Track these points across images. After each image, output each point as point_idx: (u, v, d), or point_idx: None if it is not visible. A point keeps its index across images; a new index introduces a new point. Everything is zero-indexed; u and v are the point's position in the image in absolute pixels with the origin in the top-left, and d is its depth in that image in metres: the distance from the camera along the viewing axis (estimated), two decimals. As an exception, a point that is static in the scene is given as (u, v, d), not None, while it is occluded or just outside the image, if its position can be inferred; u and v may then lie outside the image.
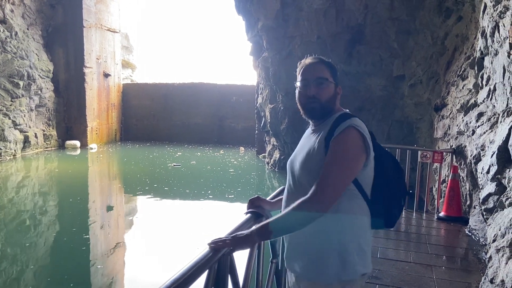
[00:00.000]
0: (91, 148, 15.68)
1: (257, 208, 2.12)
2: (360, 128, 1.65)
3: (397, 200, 1.79)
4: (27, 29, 14.00)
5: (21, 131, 13.66)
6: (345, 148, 1.62)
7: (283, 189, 2.14)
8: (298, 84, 1.84)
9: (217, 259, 1.56)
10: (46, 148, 14.96)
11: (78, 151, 15.16)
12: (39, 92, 14.33)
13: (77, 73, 15.51)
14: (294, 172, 1.80)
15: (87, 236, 6.77)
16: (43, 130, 14.91)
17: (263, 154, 13.64)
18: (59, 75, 15.37)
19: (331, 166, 1.60)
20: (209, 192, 9.53)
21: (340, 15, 9.56)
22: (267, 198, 2.27)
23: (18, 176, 11.46)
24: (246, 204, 2.17)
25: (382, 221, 1.75)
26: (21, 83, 13.32)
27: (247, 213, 2.09)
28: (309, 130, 1.88)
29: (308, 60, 1.85)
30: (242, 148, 16.12)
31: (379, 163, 1.73)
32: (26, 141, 13.86)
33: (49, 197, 9.62)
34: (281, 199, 2.08)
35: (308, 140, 1.82)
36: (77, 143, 15.57)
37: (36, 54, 14.23)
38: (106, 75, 17.00)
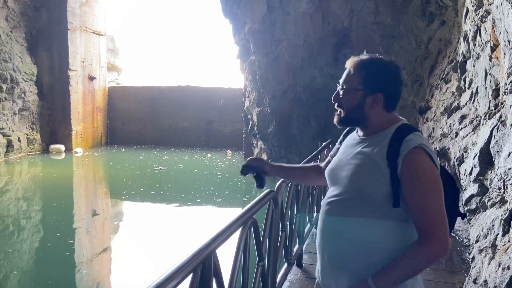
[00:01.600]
0: (76, 152, 15.48)
1: (258, 168, 2.01)
2: (428, 148, 1.49)
3: (450, 221, 1.60)
4: (11, 31, 13.79)
5: (4, 135, 13.42)
6: (427, 175, 1.45)
7: (300, 167, 2.15)
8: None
9: (201, 262, 1.55)
10: (30, 152, 14.72)
11: (63, 155, 14.94)
12: (23, 95, 14.11)
13: (62, 76, 15.31)
14: (338, 183, 1.62)
15: (72, 241, 6.67)
16: (27, 134, 14.67)
17: (251, 157, 13.63)
18: (43, 78, 15.15)
19: (428, 201, 1.43)
20: (197, 195, 9.48)
21: (326, 19, 9.65)
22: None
23: (1, 181, 11.24)
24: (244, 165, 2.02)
25: None
26: (4, 86, 13.10)
27: (248, 173, 2.00)
28: (355, 137, 1.68)
29: (352, 59, 1.63)
30: (229, 152, 16.10)
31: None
32: (9, 145, 13.61)
33: (33, 202, 9.45)
34: (291, 170, 2.09)
35: (355, 150, 1.62)
36: (62, 147, 15.35)
37: (20, 57, 14.02)
38: (91, 78, 16.82)
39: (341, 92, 1.60)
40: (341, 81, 1.61)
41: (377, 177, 1.48)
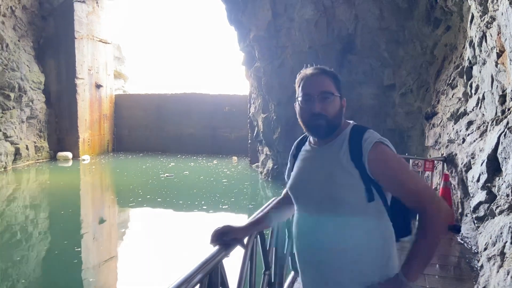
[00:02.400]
0: (84, 160, 15.57)
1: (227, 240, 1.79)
2: (385, 141, 1.55)
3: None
4: (18, 40, 13.96)
5: (12, 143, 13.54)
6: (397, 161, 1.52)
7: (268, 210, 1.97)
8: (299, 99, 1.66)
9: (207, 273, 1.55)
10: (38, 160, 14.83)
11: (70, 163, 15.04)
12: (30, 103, 14.25)
13: (69, 84, 15.46)
14: (307, 200, 1.61)
15: (79, 249, 6.69)
16: (35, 142, 14.79)
17: (256, 163, 13.63)
18: (51, 87, 15.30)
19: (412, 181, 1.50)
20: (203, 202, 9.48)
21: (331, 25, 9.67)
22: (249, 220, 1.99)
23: (9, 189, 11.33)
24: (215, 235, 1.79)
25: (402, 231, 1.67)
26: (12, 95, 13.23)
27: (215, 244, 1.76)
28: (310, 148, 1.70)
29: (309, 71, 1.67)
30: (235, 158, 16.10)
31: None
32: (17, 153, 13.73)
33: (40, 210, 9.50)
34: (264, 218, 1.91)
35: (315, 160, 1.64)
36: (69, 154, 15.46)
37: (28, 65, 14.17)
38: (98, 86, 16.96)
39: (319, 100, 1.59)
40: (314, 90, 1.60)
41: (348, 180, 1.52)
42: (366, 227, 1.53)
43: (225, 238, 1.76)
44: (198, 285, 1.50)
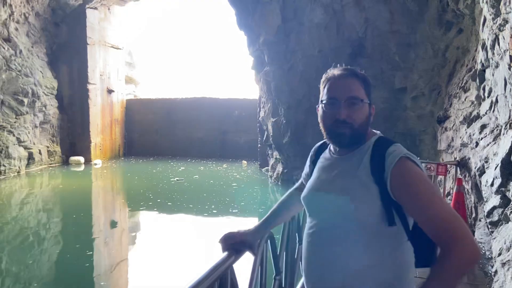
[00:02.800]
0: (95, 164, 15.72)
1: (235, 245, 1.72)
2: (413, 156, 1.40)
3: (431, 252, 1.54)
4: (32, 47, 14.19)
5: (25, 147, 13.73)
6: (423, 181, 1.35)
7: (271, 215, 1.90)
8: (323, 102, 1.51)
9: (218, 278, 1.54)
10: (50, 164, 15.01)
11: (82, 167, 15.19)
12: (44, 109, 14.45)
13: (81, 89, 15.65)
14: (321, 211, 1.51)
15: (91, 253, 6.74)
16: (47, 147, 14.98)
17: (266, 167, 13.62)
18: (63, 92, 15.51)
19: (437, 207, 1.30)
20: (213, 207, 9.49)
21: (341, 28, 9.65)
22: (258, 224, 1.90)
23: (22, 193, 11.48)
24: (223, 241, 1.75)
25: (424, 260, 1.52)
26: (25, 100, 13.44)
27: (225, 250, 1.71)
28: (330, 157, 1.57)
29: (337, 72, 1.52)
30: (244, 162, 16.11)
31: None
32: (30, 157, 13.92)
33: (53, 214, 9.61)
34: (275, 216, 1.85)
35: (334, 172, 1.51)
36: (81, 159, 15.62)
37: (41, 71, 14.39)
38: (110, 91, 17.13)
39: (345, 106, 1.45)
40: (342, 94, 1.46)
41: (366, 197, 1.38)
42: (381, 252, 1.39)
43: (234, 243, 1.71)
44: (209, 290, 1.49)
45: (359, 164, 1.43)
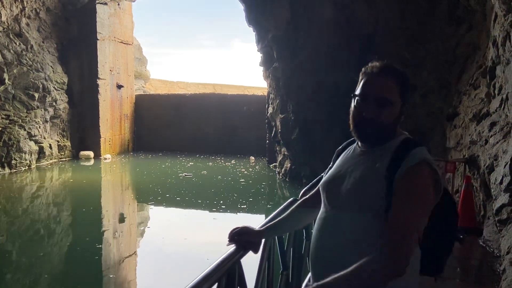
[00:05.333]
0: (106, 158, 15.86)
1: (243, 242, 1.73)
2: (434, 164, 1.40)
3: (447, 246, 1.59)
4: (43, 42, 14.32)
5: (36, 142, 13.90)
6: (420, 189, 1.36)
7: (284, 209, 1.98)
8: (356, 95, 1.52)
9: (226, 272, 1.57)
10: (61, 158, 15.18)
11: (92, 162, 15.34)
12: (54, 103, 14.60)
13: (91, 84, 15.77)
14: (335, 197, 1.53)
15: (100, 246, 6.83)
16: (58, 141, 15.14)
17: (274, 164, 13.64)
18: (74, 87, 15.64)
19: (405, 215, 1.32)
20: (221, 202, 9.55)
21: (350, 25, 9.59)
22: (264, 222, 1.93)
23: (33, 187, 11.64)
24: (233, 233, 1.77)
25: (431, 267, 1.55)
26: (36, 95, 13.59)
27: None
28: (355, 149, 1.59)
29: (375, 68, 1.51)
30: (252, 158, 16.14)
31: (437, 203, 1.46)
32: (41, 152, 14.09)
33: (63, 207, 9.74)
34: (283, 223, 1.83)
35: (356, 162, 1.54)
36: (91, 153, 15.77)
37: (51, 66, 14.53)
38: (119, 87, 17.24)
39: (375, 105, 1.45)
40: (373, 92, 1.47)
41: (378, 190, 1.40)
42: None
43: (242, 239, 1.73)
44: (216, 283, 1.52)
45: (380, 160, 1.45)
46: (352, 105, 1.54)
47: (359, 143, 1.57)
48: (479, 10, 6.47)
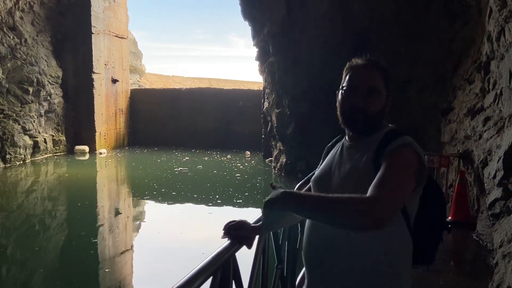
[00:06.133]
0: (101, 153, 15.81)
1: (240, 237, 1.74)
2: (417, 149, 1.44)
3: (438, 235, 1.61)
4: (37, 36, 14.20)
5: (30, 136, 13.82)
6: (402, 165, 1.38)
7: None
8: (343, 87, 1.56)
9: (221, 265, 1.58)
10: (55, 153, 15.11)
11: (87, 156, 15.29)
12: (48, 98, 14.51)
13: (86, 79, 15.67)
14: (326, 190, 1.52)
15: (96, 240, 6.83)
16: (52, 136, 15.07)
17: (270, 158, 13.66)
18: (68, 81, 15.54)
19: (391, 176, 1.34)
20: (217, 197, 9.56)
21: (346, 20, 9.58)
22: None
23: (28, 181, 11.60)
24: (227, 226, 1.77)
25: (423, 256, 1.58)
26: (30, 89, 13.50)
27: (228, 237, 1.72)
28: (344, 144, 1.62)
29: (360, 61, 1.57)
30: (248, 153, 16.15)
31: (425, 193, 1.51)
32: (35, 146, 14.02)
33: (58, 202, 9.71)
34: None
35: (344, 157, 1.57)
36: (86, 148, 15.71)
37: (46, 60, 14.42)
38: (114, 81, 17.16)
39: (364, 94, 1.50)
40: (361, 82, 1.51)
41: (364, 181, 1.40)
42: (376, 235, 1.39)
43: (237, 233, 1.73)
44: (212, 277, 1.53)
45: (367, 152, 1.48)
46: (339, 98, 1.58)
47: (347, 137, 1.61)
48: (474, 5, 6.49)
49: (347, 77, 1.57)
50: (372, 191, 1.30)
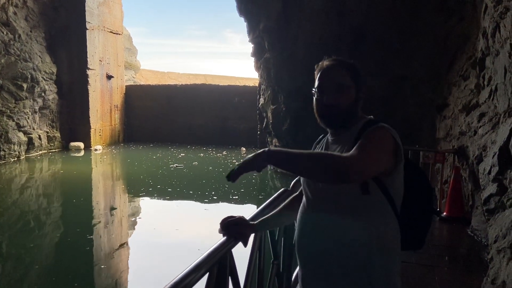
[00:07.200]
0: (96, 150, 15.75)
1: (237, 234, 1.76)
2: (393, 132, 1.52)
3: (426, 219, 1.68)
4: (30, 31, 14.07)
5: (25, 133, 13.73)
6: (377, 139, 1.47)
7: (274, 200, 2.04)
8: (314, 89, 1.66)
9: (217, 261, 1.58)
10: (50, 149, 15.03)
11: (82, 153, 15.22)
12: (43, 94, 14.40)
13: (80, 75, 15.56)
14: (314, 188, 1.63)
15: (91, 237, 6.81)
16: (47, 132, 14.98)
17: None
18: (63, 77, 15.43)
19: (364, 145, 1.43)
20: (213, 193, 9.55)
21: (342, 16, 9.57)
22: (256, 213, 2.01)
23: (22, 178, 11.53)
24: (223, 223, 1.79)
25: (411, 242, 1.64)
26: (24, 85, 13.39)
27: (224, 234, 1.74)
28: (327, 140, 1.71)
29: (325, 63, 1.66)
30: (243, 149, 16.15)
31: (408, 177, 1.58)
32: (30, 143, 13.93)
33: (53, 199, 9.67)
34: (276, 217, 1.93)
35: (329, 151, 1.64)
36: (81, 144, 15.64)
37: (40, 56, 14.30)
38: (109, 77, 17.06)
39: (332, 92, 1.59)
40: (328, 81, 1.61)
41: None
42: (363, 222, 1.50)
43: (234, 229, 1.75)
44: (208, 273, 1.53)
45: (348, 144, 1.55)
46: (314, 101, 1.67)
47: (329, 133, 1.70)
48: (469, 1, 6.49)
49: (317, 78, 1.66)
50: (352, 152, 1.41)
